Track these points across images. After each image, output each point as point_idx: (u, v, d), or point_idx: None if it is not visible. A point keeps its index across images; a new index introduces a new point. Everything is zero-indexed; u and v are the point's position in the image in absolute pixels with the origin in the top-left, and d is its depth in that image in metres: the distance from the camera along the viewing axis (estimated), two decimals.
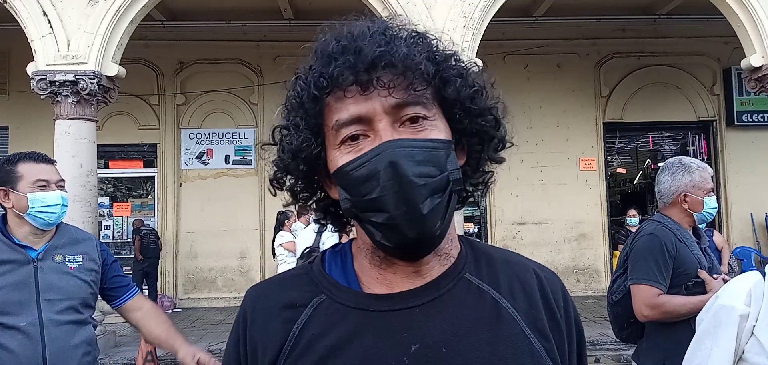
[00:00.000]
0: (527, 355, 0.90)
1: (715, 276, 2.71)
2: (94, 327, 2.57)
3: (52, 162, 2.54)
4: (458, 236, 1.01)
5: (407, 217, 0.86)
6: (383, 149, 0.87)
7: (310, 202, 1.02)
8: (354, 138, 0.90)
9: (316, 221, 1.06)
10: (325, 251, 1.03)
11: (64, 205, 2.45)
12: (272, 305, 0.97)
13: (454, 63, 0.96)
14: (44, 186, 2.42)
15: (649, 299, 2.68)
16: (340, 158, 0.91)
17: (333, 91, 0.91)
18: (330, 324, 0.92)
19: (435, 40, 0.96)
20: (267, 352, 0.94)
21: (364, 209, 0.89)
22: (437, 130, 0.92)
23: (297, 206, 1.05)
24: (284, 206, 1.04)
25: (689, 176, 2.85)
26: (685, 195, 2.84)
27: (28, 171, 2.43)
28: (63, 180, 2.53)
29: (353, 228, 1.00)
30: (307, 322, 0.93)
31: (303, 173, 0.97)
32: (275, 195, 1.02)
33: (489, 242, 11.67)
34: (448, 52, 0.96)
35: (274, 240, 8.31)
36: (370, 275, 0.96)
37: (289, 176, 0.99)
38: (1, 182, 2.43)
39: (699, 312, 2.61)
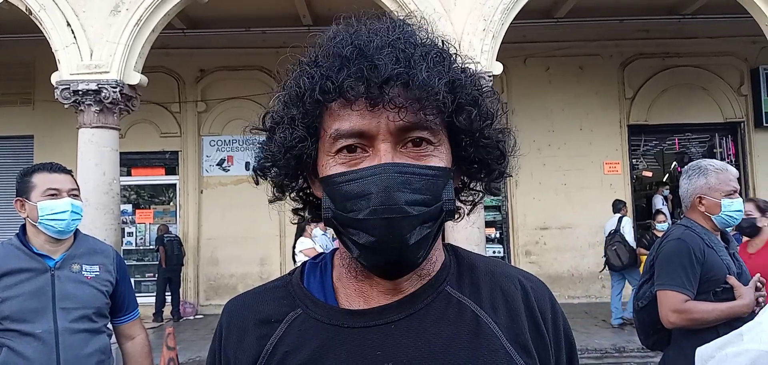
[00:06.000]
0: None
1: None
2: (109, 336, 2.59)
3: (67, 172, 2.58)
4: (444, 245, 0.98)
5: (392, 246, 0.82)
6: (381, 171, 0.82)
7: (291, 192, 0.98)
8: (351, 149, 0.86)
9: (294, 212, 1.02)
10: (305, 262, 1.00)
11: (74, 212, 2.47)
12: (248, 320, 0.95)
13: (470, 89, 0.90)
14: (54, 195, 2.47)
15: (675, 305, 2.62)
16: (332, 166, 0.87)
17: (338, 98, 0.86)
18: (303, 340, 0.89)
19: (455, 54, 0.91)
20: None
21: (348, 225, 0.85)
22: (439, 157, 0.87)
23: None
24: (270, 200, 1.01)
25: (704, 179, 2.80)
26: (700, 198, 2.79)
27: (40, 181, 2.49)
28: (77, 189, 2.56)
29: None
30: (281, 338, 0.91)
31: (290, 168, 0.93)
32: (258, 184, 0.99)
33: (511, 248, 11.57)
34: (467, 76, 0.90)
35: (294, 246, 8.32)
36: (348, 286, 0.93)
37: (273, 168, 0.95)
38: (18, 192, 2.51)
39: (727, 319, 2.53)
